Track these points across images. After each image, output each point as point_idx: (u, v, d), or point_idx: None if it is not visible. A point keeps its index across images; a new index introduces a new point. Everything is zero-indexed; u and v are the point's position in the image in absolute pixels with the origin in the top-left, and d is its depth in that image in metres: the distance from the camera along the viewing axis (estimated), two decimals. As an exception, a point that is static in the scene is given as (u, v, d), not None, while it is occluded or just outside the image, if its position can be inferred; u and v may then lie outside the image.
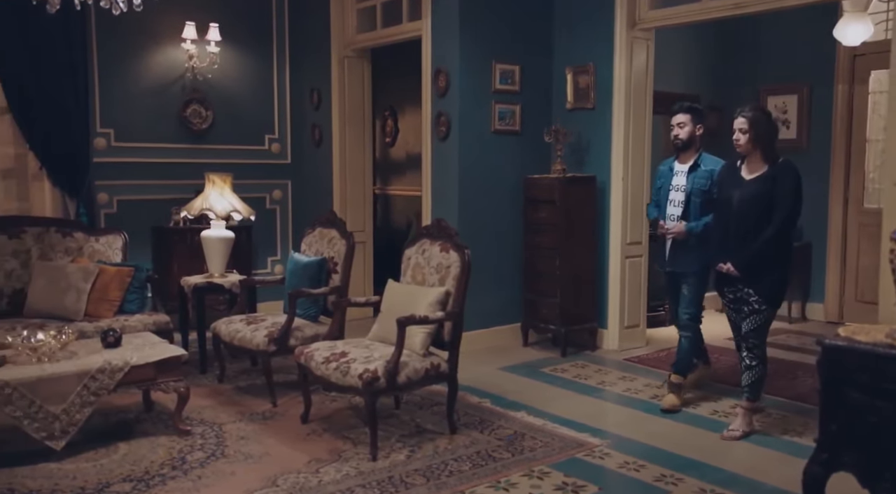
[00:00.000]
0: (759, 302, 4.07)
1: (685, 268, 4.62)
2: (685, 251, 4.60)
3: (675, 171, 4.70)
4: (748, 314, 4.10)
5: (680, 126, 4.61)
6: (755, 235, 3.98)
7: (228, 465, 3.70)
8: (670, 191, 4.70)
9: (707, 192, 4.51)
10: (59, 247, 5.22)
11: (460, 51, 5.73)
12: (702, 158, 4.62)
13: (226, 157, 6.84)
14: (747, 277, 4.05)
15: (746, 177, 4.08)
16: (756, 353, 4.13)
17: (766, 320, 4.12)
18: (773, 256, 4.01)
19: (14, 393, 3.61)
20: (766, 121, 4.05)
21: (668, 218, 4.68)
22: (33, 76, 5.81)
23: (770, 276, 4.04)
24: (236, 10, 6.89)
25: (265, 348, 4.53)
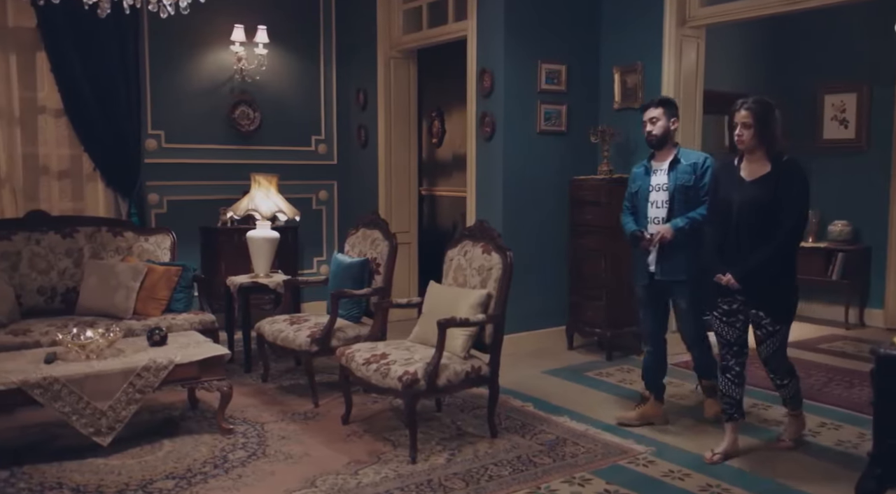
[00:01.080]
0: (772, 324, 3.71)
1: (676, 276, 4.18)
2: (674, 253, 4.16)
3: (653, 170, 4.30)
4: (764, 337, 3.75)
5: (652, 121, 4.22)
6: (758, 244, 3.59)
7: (269, 465, 3.72)
8: (650, 193, 4.28)
9: (692, 188, 4.16)
10: (110, 247, 5.33)
11: (505, 50, 5.68)
12: (681, 153, 4.27)
13: (273, 158, 6.91)
14: (750, 294, 3.66)
15: (747, 179, 3.67)
16: (782, 372, 3.85)
17: (784, 338, 3.79)
18: (780, 268, 3.64)
19: (63, 390, 3.69)
20: (770, 113, 3.62)
21: (653, 221, 4.25)
22: (88, 80, 5.95)
23: (778, 292, 3.69)
24: (284, 13, 6.96)
25: (307, 348, 4.55)
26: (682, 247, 4.13)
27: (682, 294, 4.22)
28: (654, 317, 4.36)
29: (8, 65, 5.84)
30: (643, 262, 4.28)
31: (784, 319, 3.74)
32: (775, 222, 3.56)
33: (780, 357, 3.81)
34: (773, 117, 3.60)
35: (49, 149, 6.06)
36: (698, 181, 4.16)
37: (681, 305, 4.28)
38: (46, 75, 5.94)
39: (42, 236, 5.16)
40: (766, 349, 3.77)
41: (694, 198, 4.17)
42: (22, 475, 3.59)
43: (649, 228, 4.23)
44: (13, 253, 5.04)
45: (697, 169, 4.18)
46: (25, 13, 5.79)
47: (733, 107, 3.68)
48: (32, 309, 4.99)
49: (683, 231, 4.13)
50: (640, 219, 4.31)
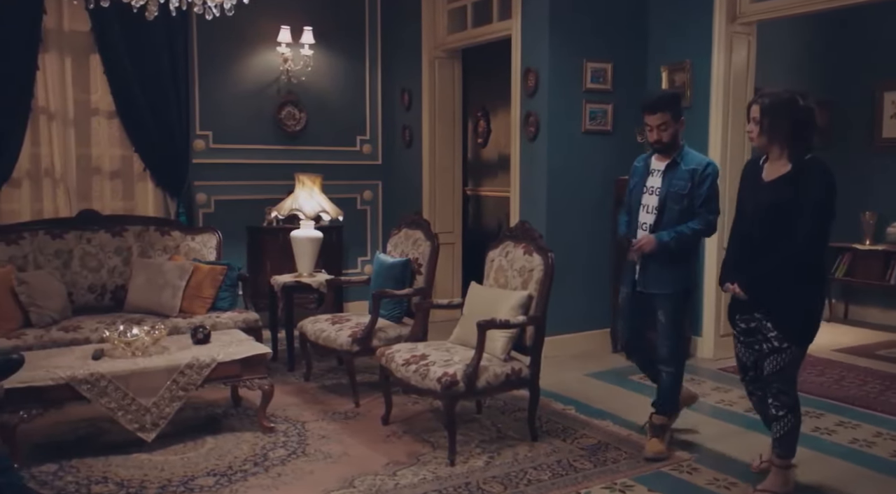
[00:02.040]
0: (778, 339, 3.26)
1: (659, 289, 3.78)
2: (659, 267, 3.75)
3: (652, 170, 3.84)
4: (768, 352, 3.31)
5: (661, 128, 3.70)
6: (772, 252, 3.23)
7: (308, 464, 3.73)
8: (643, 194, 3.83)
9: (687, 197, 3.70)
10: (157, 245, 5.43)
11: (550, 49, 5.62)
12: (683, 154, 3.76)
13: (318, 158, 6.95)
14: (759, 304, 3.30)
15: (766, 179, 3.31)
16: (783, 401, 3.32)
17: (792, 360, 3.29)
18: (794, 280, 3.21)
19: (109, 386, 3.77)
20: (786, 108, 3.20)
21: (641, 226, 3.80)
22: (139, 81, 6.07)
23: (790, 305, 3.24)
24: (330, 14, 7.00)
25: (348, 348, 4.56)
26: (667, 262, 3.74)
27: (664, 306, 3.80)
28: (630, 329, 3.99)
29: (63, 68, 5.98)
30: (630, 268, 3.92)
31: (794, 337, 3.27)
32: (792, 228, 3.19)
33: (783, 381, 3.31)
34: (789, 112, 3.20)
35: (101, 150, 6.20)
36: (695, 189, 3.69)
37: (660, 318, 3.83)
38: (100, 78, 6.07)
39: (93, 235, 5.29)
40: (769, 366, 3.32)
41: (688, 209, 3.71)
42: (70, 468, 3.67)
43: (639, 234, 3.81)
44: (65, 252, 5.17)
45: (696, 176, 3.69)
46: (80, 17, 5.93)
47: (750, 101, 3.43)
48: (83, 306, 5.11)
49: (668, 247, 3.68)
50: (632, 222, 3.90)
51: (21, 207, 5.89)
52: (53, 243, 5.15)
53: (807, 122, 3.24)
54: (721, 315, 5.69)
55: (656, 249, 3.70)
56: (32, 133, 5.86)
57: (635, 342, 4.02)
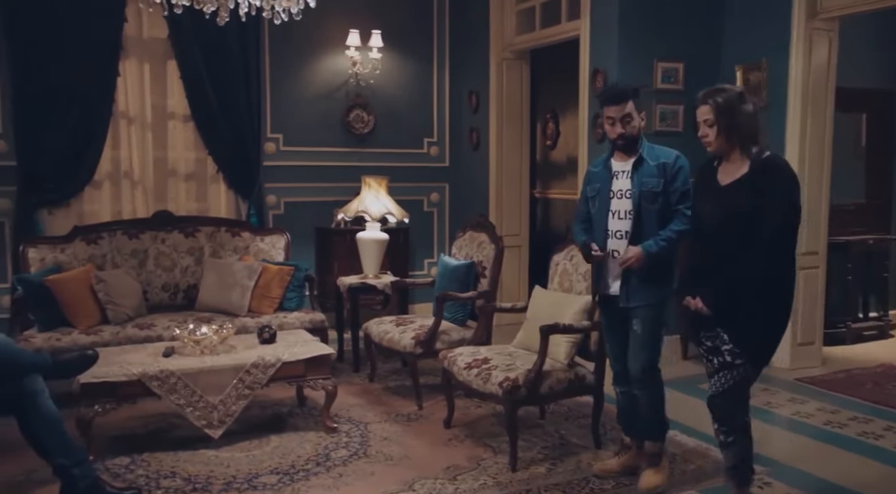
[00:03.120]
0: (732, 353, 2.94)
1: (641, 301, 3.42)
2: (641, 280, 3.38)
3: (615, 172, 3.47)
4: (717, 368, 2.99)
5: (625, 120, 3.36)
6: (735, 262, 2.92)
7: (369, 465, 3.75)
8: (611, 200, 3.46)
9: (662, 194, 3.35)
10: (228, 246, 5.56)
11: (619, 49, 5.51)
12: (646, 150, 3.42)
13: (385, 161, 7.00)
14: (722, 319, 2.99)
15: (722, 183, 3.01)
16: (731, 425, 3.01)
17: (742, 379, 2.98)
18: (757, 290, 2.90)
19: (178, 383, 3.86)
20: (738, 104, 2.94)
21: (614, 235, 3.45)
22: (212, 86, 6.22)
23: (751, 319, 2.93)
24: (398, 17, 7.04)
25: (411, 350, 4.57)
26: (650, 272, 3.37)
27: (642, 316, 3.42)
28: (619, 348, 3.56)
29: (142, 74, 6.18)
30: (600, 276, 3.53)
31: (749, 352, 2.95)
32: (755, 234, 2.87)
33: (731, 401, 3.00)
34: (742, 109, 2.94)
35: (177, 153, 6.38)
36: (668, 185, 3.35)
37: (635, 329, 3.45)
38: (176, 83, 6.25)
39: (167, 235, 5.45)
40: (715, 384, 3.01)
41: (664, 208, 3.37)
42: (141, 462, 3.78)
43: (610, 244, 3.44)
44: (141, 251, 5.34)
45: (667, 171, 3.36)
46: (158, 25, 6.12)
47: (694, 102, 3.07)
48: (157, 304, 5.27)
49: (658, 258, 3.34)
50: (596, 231, 3.50)
51: (102, 208, 6.12)
52: (130, 243, 5.33)
53: (757, 118, 3.00)
54: (800, 322, 5.49)
55: (645, 263, 3.33)
56: (113, 137, 6.08)
57: (623, 357, 3.57)
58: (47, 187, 5.83)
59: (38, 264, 5.02)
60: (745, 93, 3.00)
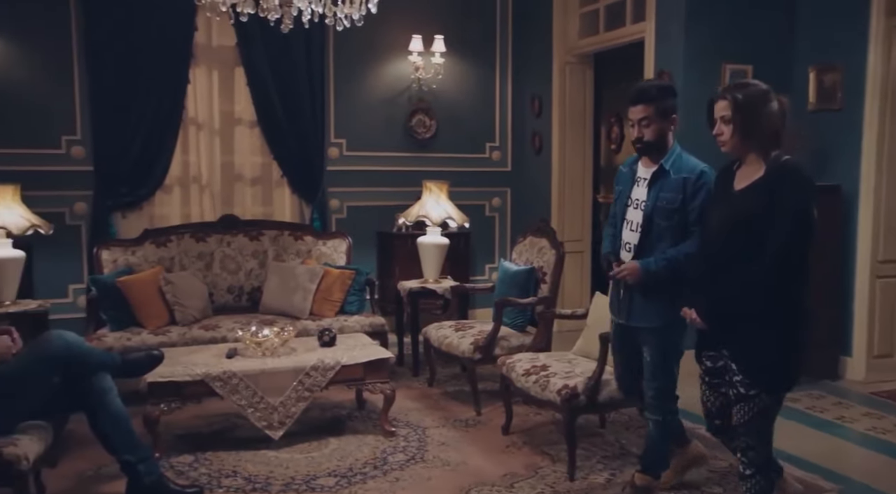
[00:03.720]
0: (745, 385, 2.70)
1: (645, 322, 3.17)
2: (644, 299, 3.15)
3: (638, 178, 3.21)
4: (734, 400, 2.76)
5: (642, 123, 3.11)
6: (737, 272, 2.68)
7: (426, 470, 3.74)
8: (627, 208, 3.22)
9: (678, 212, 3.06)
10: (291, 249, 5.65)
11: (685, 51, 5.39)
12: (673, 160, 3.13)
13: (447, 165, 7.01)
14: (725, 338, 2.77)
15: (737, 188, 2.76)
16: (751, 457, 2.78)
17: (763, 410, 2.72)
18: (764, 309, 2.66)
19: (240, 384, 3.93)
20: (761, 103, 2.67)
21: (625, 247, 3.20)
22: (278, 92, 6.35)
23: (759, 342, 2.67)
24: (461, 22, 7.05)
25: (470, 355, 4.55)
26: (655, 292, 3.11)
27: (650, 342, 3.20)
28: (625, 367, 3.43)
29: (211, 81, 6.35)
30: (616, 291, 3.30)
31: (762, 382, 2.70)
32: (761, 244, 2.62)
33: (752, 434, 2.76)
34: (764, 109, 2.68)
35: (243, 158, 6.52)
36: (687, 202, 3.05)
37: (645, 356, 3.25)
38: (243, 89, 6.39)
39: (232, 238, 5.57)
40: (736, 415, 2.77)
41: (679, 226, 3.08)
42: (204, 460, 3.86)
43: (621, 256, 3.21)
44: (207, 254, 5.47)
45: (688, 186, 3.05)
46: (227, 32, 6.27)
47: (712, 97, 2.83)
48: (222, 306, 5.39)
49: (656, 276, 3.06)
50: (616, 236, 3.29)
51: (172, 211, 6.30)
52: (197, 246, 5.46)
53: (783, 119, 2.72)
54: (876, 334, 5.27)
55: (641, 280, 3.10)
56: (183, 142, 6.26)
57: (632, 385, 3.46)
58: (121, 191, 6.04)
59: (110, 266, 5.20)
60: (771, 92, 2.72)
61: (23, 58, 5.85)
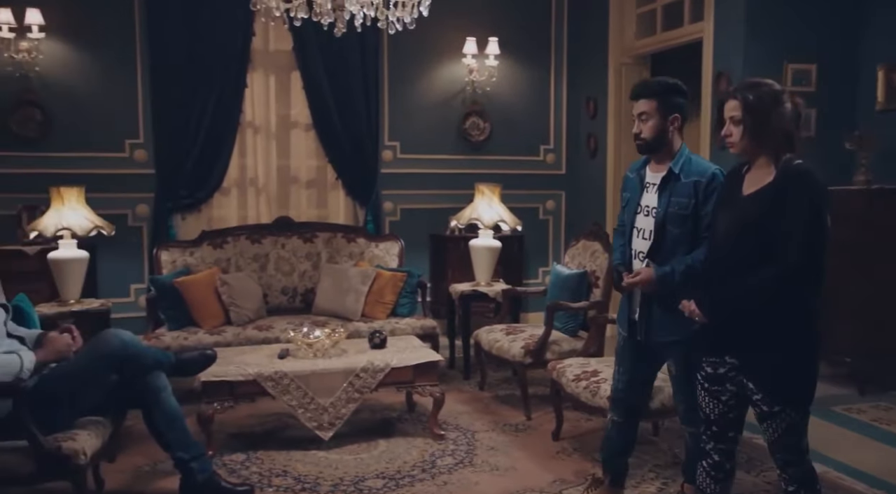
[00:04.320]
0: (767, 403, 2.55)
1: (667, 336, 3.00)
2: (664, 312, 2.96)
3: (647, 183, 3.09)
4: (761, 418, 2.60)
5: (641, 118, 3.01)
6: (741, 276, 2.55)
7: (474, 474, 3.72)
8: (636, 216, 3.09)
9: (690, 218, 2.93)
10: (344, 252, 5.70)
11: (745, 51, 5.26)
12: (683, 162, 2.99)
13: (500, 168, 6.98)
14: (729, 343, 2.63)
15: (745, 192, 2.62)
16: (791, 473, 2.61)
17: (795, 426, 2.56)
18: (774, 323, 2.53)
19: (291, 384, 3.98)
20: (773, 104, 2.53)
21: (637, 256, 3.08)
22: (333, 96, 6.42)
23: (772, 357, 2.53)
24: (515, 24, 7.02)
25: (521, 359, 4.52)
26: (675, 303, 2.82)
27: (674, 355, 3.06)
28: (627, 380, 3.23)
29: (268, 85, 6.47)
30: (625, 304, 3.18)
31: (786, 399, 2.54)
32: (770, 251, 2.49)
33: (789, 449, 2.60)
34: (775, 110, 2.54)
35: (299, 161, 6.61)
36: (700, 207, 2.92)
37: (671, 370, 3.14)
38: (299, 93, 6.49)
39: (287, 240, 5.65)
40: (767, 433, 2.62)
41: (692, 233, 2.95)
42: (255, 459, 3.92)
43: (634, 265, 3.07)
44: (262, 256, 5.56)
45: (700, 190, 2.92)
46: (283, 37, 6.38)
47: (721, 96, 2.72)
48: (276, 307, 5.47)
49: (671, 283, 2.91)
50: (627, 246, 3.17)
51: (229, 213, 6.43)
52: (252, 248, 5.55)
53: (797, 121, 2.60)
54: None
55: (656, 288, 2.95)
56: (240, 145, 6.39)
57: (630, 400, 3.27)
58: (181, 193, 6.19)
59: (169, 266, 5.32)
60: (784, 93, 2.59)
61: (89, 65, 6.05)
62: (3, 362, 2.94)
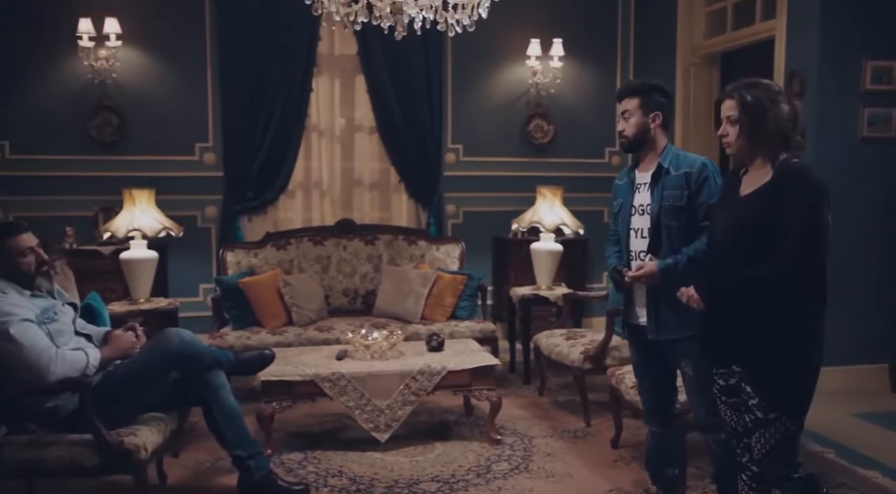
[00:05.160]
0: (762, 408, 2.48)
1: (678, 333, 2.93)
2: (671, 306, 2.88)
3: (637, 185, 3.10)
4: (752, 426, 2.53)
5: (624, 116, 3.06)
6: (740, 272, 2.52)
7: (529, 480, 3.68)
8: (631, 217, 3.10)
9: (685, 209, 2.93)
10: (405, 254, 5.72)
11: (820, 48, 5.04)
12: (671, 157, 3.01)
13: (564, 170, 6.89)
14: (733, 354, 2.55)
15: (742, 194, 2.58)
16: (792, 487, 2.52)
17: (788, 436, 2.48)
18: (773, 324, 2.46)
19: (348, 385, 4.01)
20: (770, 105, 2.49)
21: (637, 256, 3.07)
22: (397, 98, 6.45)
23: (770, 353, 2.46)
24: (580, 25, 6.93)
25: (580, 365, 4.45)
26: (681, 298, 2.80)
27: (686, 355, 2.96)
28: (652, 387, 3.18)
29: (332, 89, 6.56)
30: (628, 305, 3.17)
31: (778, 402, 2.47)
32: (768, 252, 2.44)
33: (779, 463, 2.51)
34: (772, 111, 2.49)
35: (363, 164, 6.68)
36: (693, 198, 2.94)
37: (686, 371, 3.03)
38: (363, 96, 6.55)
39: (348, 242, 5.70)
40: (758, 444, 2.52)
41: (690, 225, 2.94)
42: (313, 459, 3.96)
43: (634, 266, 3.05)
44: (325, 257, 5.63)
45: (692, 180, 2.94)
46: (348, 41, 6.45)
47: (720, 96, 2.65)
48: (337, 308, 5.53)
49: (674, 274, 2.88)
50: (622, 252, 3.16)
51: (294, 216, 6.54)
52: (315, 249, 5.63)
53: (794, 122, 2.52)
54: None
55: (659, 280, 2.92)
56: (305, 148, 6.49)
57: (661, 406, 3.19)
58: (248, 196, 6.33)
59: (234, 267, 5.44)
60: (782, 93, 2.57)
61: (162, 71, 6.24)
62: (70, 358, 3.05)
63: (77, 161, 6.13)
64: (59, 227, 5.86)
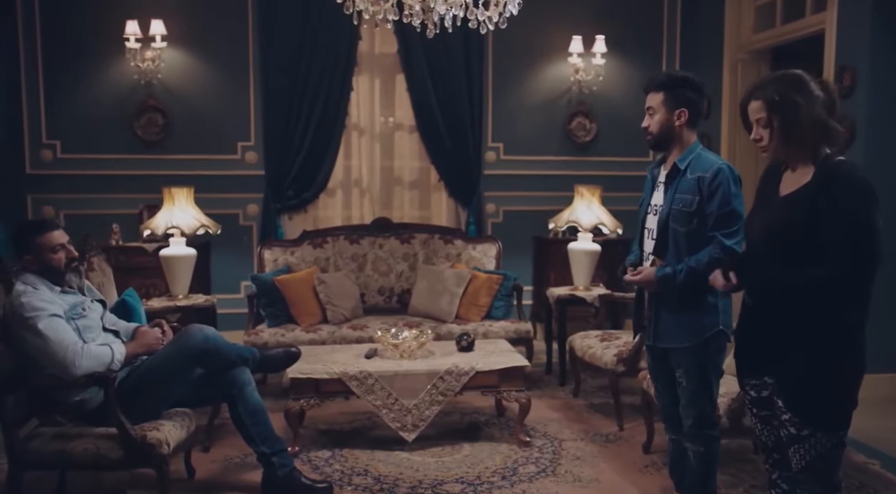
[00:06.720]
0: (795, 424, 2.32)
1: (674, 342, 2.88)
2: (670, 314, 2.85)
3: (658, 182, 2.97)
4: (788, 441, 2.36)
5: (649, 112, 2.92)
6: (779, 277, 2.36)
7: (555, 484, 3.61)
8: (647, 216, 2.98)
9: (695, 215, 2.77)
10: (441, 253, 5.70)
11: (873, 41, 4.84)
12: (691, 158, 2.85)
13: (608, 169, 6.77)
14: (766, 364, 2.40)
15: (782, 193, 2.39)
16: None
17: (822, 453, 2.32)
18: (812, 334, 2.29)
19: (376, 384, 4.00)
20: (798, 95, 2.28)
21: (647, 257, 2.95)
22: (437, 97, 6.43)
23: (805, 373, 2.30)
24: (623, 21, 6.79)
25: (613, 367, 4.35)
26: (682, 307, 2.82)
27: (683, 364, 2.89)
28: (667, 391, 3.07)
29: (372, 88, 6.57)
30: (637, 308, 3.10)
31: (811, 418, 2.31)
32: (808, 258, 2.26)
33: (818, 480, 2.35)
34: (802, 101, 2.28)
35: (402, 162, 6.68)
36: (703, 205, 2.76)
37: (679, 379, 2.94)
38: (403, 95, 6.55)
39: (385, 241, 5.70)
40: (795, 459, 2.36)
41: (700, 232, 2.78)
42: (340, 457, 3.96)
43: (646, 267, 2.93)
44: (360, 256, 5.64)
45: (703, 186, 2.76)
46: (388, 40, 6.46)
47: (743, 97, 2.45)
48: (373, 307, 5.53)
49: (672, 284, 2.77)
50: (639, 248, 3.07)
51: (334, 214, 6.58)
52: (351, 248, 5.65)
53: (831, 108, 2.31)
54: None
55: (655, 288, 2.84)
56: (345, 147, 6.52)
57: (674, 407, 3.07)
58: (288, 194, 6.39)
59: (271, 265, 5.50)
60: (806, 77, 2.34)
61: (206, 71, 6.35)
62: (96, 353, 3.10)
63: (124, 160, 6.28)
64: (107, 225, 6.02)
